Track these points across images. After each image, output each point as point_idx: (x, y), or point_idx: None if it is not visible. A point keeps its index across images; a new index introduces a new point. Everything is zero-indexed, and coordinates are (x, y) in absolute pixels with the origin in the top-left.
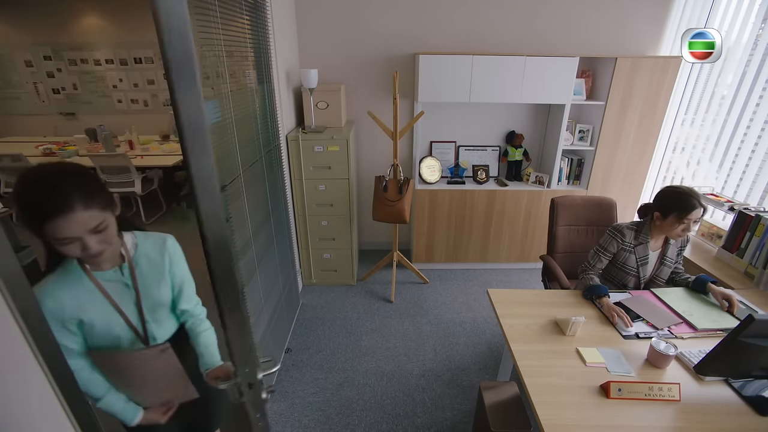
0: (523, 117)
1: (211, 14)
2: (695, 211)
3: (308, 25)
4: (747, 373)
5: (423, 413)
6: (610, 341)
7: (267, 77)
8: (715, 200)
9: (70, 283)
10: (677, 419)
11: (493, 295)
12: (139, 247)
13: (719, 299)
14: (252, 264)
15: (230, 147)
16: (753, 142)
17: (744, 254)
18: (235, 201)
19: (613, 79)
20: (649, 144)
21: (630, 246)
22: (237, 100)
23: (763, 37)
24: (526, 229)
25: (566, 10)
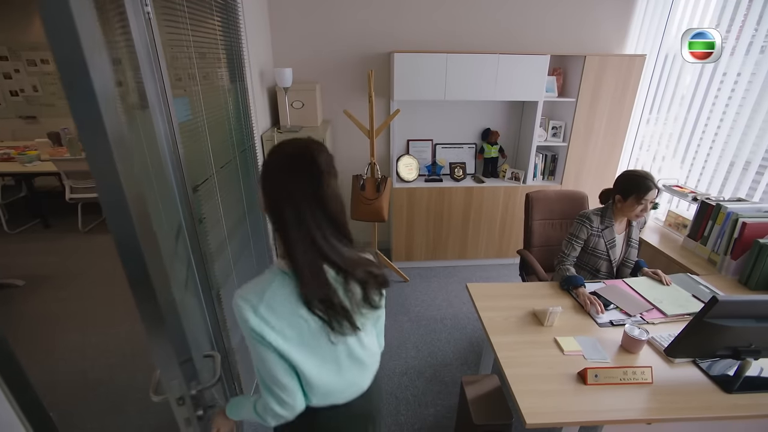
0: (498, 114)
1: (179, 14)
2: (651, 192)
3: (281, 25)
4: (712, 353)
5: (406, 411)
6: (586, 330)
7: (239, 76)
8: (680, 191)
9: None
10: (650, 401)
11: (472, 289)
12: None
13: (653, 276)
14: (228, 265)
15: (202, 146)
16: (711, 139)
17: (707, 242)
18: (208, 201)
19: (583, 76)
20: (618, 139)
21: (598, 231)
22: (208, 98)
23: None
24: (504, 224)
25: (537, 9)
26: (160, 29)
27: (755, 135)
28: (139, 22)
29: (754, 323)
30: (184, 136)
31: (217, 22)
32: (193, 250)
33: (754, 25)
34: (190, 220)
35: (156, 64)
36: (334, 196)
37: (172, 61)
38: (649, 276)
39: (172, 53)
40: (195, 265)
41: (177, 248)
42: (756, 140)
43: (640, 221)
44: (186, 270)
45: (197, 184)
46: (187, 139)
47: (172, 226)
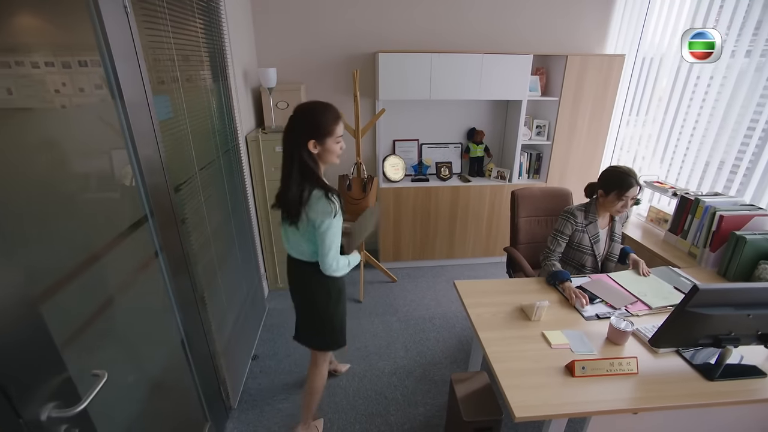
0: (483, 114)
1: (159, 16)
2: (632, 188)
3: (265, 25)
4: (695, 342)
5: (396, 411)
6: (573, 323)
7: (222, 76)
8: (661, 187)
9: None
10: (636, 390)
11: (460, 286)
12: None
13: (637, 264)
14: (212, 266)
15: (184, 145)
16: (687, 140)
17: (687, 235)
18: (191, 201)
19: (565, 76)
20: (601, 137)
21: (582, 226)
22: (190, 98)
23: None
24: (491, 223)
25: (520, 9)
26: (138, 25)
27: (728, 136)
28: (117, 13)
29: (733, 311)
30: (165, 132)
31: (199, 20)
32: (173, 252)
33: (725, 30)
34: (170, 218)
35: (133, 57)
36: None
37: (153, 62)
38: (635, 263)
39: (152, 48)
40: (171, 270)
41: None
42: (729, 140)
43: (622, 216)
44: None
45: (179, 183)
46: (168, 136)
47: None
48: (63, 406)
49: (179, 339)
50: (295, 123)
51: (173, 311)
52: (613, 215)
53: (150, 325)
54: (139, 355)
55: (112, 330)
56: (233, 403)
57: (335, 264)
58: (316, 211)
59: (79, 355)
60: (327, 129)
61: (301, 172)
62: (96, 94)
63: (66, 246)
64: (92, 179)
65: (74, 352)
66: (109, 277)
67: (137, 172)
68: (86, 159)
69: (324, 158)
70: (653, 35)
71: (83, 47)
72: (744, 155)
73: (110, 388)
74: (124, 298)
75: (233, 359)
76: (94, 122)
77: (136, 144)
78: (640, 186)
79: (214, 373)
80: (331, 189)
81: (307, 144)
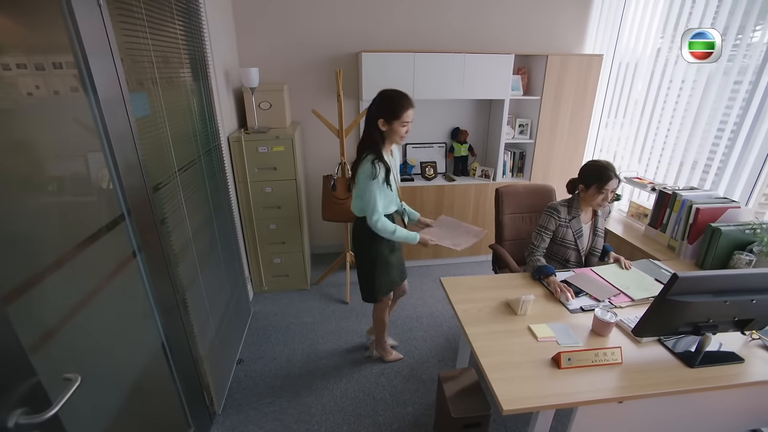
0: (467, 113)
1: (135, 12)
2: (611, 181)
3: (247, 25)
4: (675, 330)
5: (384, 411)
6: (558, 316)
7: (203, 74)
8: (640, 183)
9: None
10: (621, 379)
11: (446, 283)
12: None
13: (617, 260)
14: (193, 268)
15: (163, 143)
16: (663, 139)
17: (666, 229)
18: (170, 201)
19: (546, 75)
20: (582, 135)
21: (565, 221)
22: (169, 96)
23: (663, 49)
24: (476, 222)
25: (500, 9)
26: (112, 18)
27: (701, 135)
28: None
29: (711, 298)
30: (142, 130)
31: (177, 17)
32: (153, 253)
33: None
34: (149, 218)
35: (107, 50)
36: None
37: (129, 57)
38: (616, 259)
39: (127, 43)
40: (150, 271)
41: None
42: (701, 139)
43: (604, 211)
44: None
45: (159, 183)
46: (145, 134)
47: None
48: (32, 412)
49: (159, 342)
50: (373, 102)
51: (153, 313)
52: (595, 210)
53: (128, 327)
54: (116, 358)
55: (87, 333)
56: (217, 408)
57: (378, 223)
58: (362, 170)
59: (52, 358)
60: (395, 113)
61: (367, 141)
62: (65, 85)
63: (35, 245)
64: (64, 177)
65: (46, 356)
66: (82, 277)
67: (112, 168)
68: (56, 154)
69: (390, 137)
70: (628, 40)
71: (53, 38)
72: (716, 152)
73: (85, 393)
74: (99, 299)
75: (217, 363)
76: (63, 115)
77: (111, 139)
78: (619, 179)
79: (197, 377)
80: (381, 158)
81: (377, 121)
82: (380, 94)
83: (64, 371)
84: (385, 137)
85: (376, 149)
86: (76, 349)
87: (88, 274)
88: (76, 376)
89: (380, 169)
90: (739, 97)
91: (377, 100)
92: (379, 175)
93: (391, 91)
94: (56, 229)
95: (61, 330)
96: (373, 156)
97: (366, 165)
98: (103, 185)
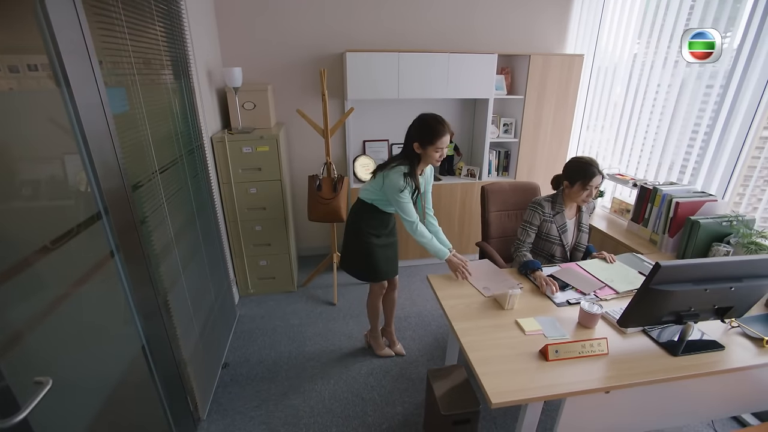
0: (452, 113)
1: (114, 16)
2: (596, 177)
3: (229, 24)
4: (659, 319)
5: (373, 411)
6: (545, 310)
7: (185, 73)
8: (622, 179)
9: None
10: (608, 369)
11: (433, 280)
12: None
13: (601, 257)
14: (176, 269)
15: (143, 141)
16: (641, 140)
17: (648, 224)
18: (150, 200)
19: (529, 74)
20: (565, 134)
21: (550, 216)
22: (148, 92)
23: (639, 54)
24: (462, 221)
25: (481, 8)
26: (86, 10)
27: (676, 138)
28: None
29: (692, 286)
30: (120, 127)
31: (156, 16)
32: (132, 253)
33: (667, 42)
34: (127, 217)
35: (82, 48)
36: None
37: (106, 54)
38: (600, 255)
39: (102, 35)
40: (129, 271)
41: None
42: (677, 142)
43: (589, 206)
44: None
45: (138, 181)
46: (123, 131)
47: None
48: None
49: (140, 345)
50: (412, 124)
51: (132, 314)
52: (579, 205)
53: (105, 328)
54: (93, 362)
55: (60, 335)
56: (202, 414)
57: (417, 227)
58: (390, 179)
59: (21, 362)
60: (430, 140)
61: (404, 155)
62: (39, 85)
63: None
64: (34, 169)
65: (15, 359)
66: (54, 277)
67: (87, 163)
68: (24, 144)
69: (425, 159)
70: (606, 44)
71: (22, 27)
72: (692, 150)
73: (59, 397)
74: (74, 300)
75: (201, 368)
76: (36, 111)
77: (86, 135)
78: (603, 175)
79: (181, 382)
80: (414, 175)
81: (413, 144)
82: (419, 118)
83: (35, 375)
84: (421, 159)
85: (411, 164)
86: (49, 352)
87: (60, 274)
88: (48, 379)
89: (408, 185)
90: (711, 100)
91: (415, 123)
92: (407, 189)
93: (428, 116)
94: (26, 225)
95: (31, 332)
96: (405, 168)
97: (397, 176)
98: (79, 182)
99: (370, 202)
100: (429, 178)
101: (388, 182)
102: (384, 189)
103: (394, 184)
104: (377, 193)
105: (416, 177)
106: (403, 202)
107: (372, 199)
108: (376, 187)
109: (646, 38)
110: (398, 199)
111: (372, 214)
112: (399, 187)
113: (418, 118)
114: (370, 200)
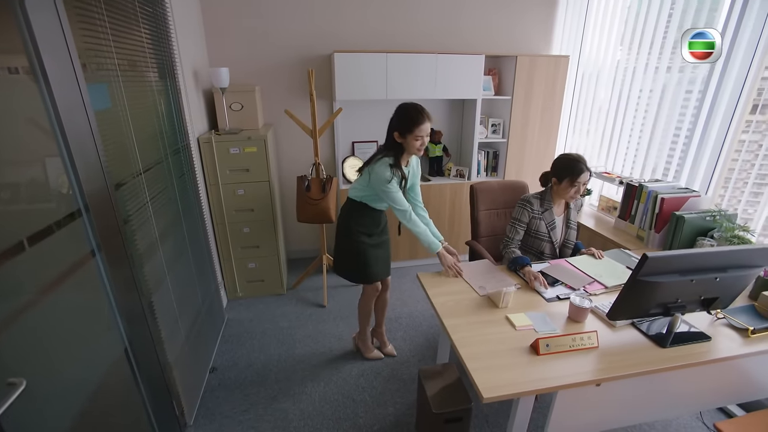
0: (440, 114)
1: (96, 16)
2: (583, 174)
3: (216, 25)
4: (647, 311)
5: (365, 413)
6: (535, 306)
7: (170, 73)
8: (609, 177)
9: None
10: (598, 362)
11: (423, 278)
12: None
13: (589, 253)
14: (161, 270)
15: (126, 138)
16: (626, 141)
17: (635, 220)
18: (134, 200)
19: (516, 75)
20: (552, 134)
21: (538, 213)
22: (131, 89)
23: (621, 60)
24: (452, 221)
25: (467, 9)
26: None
27: (659, 141)
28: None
29: (678, 277)
30: (102, 124)
31: (141, 16)
32: (114, 252)
33: (648, 48)
34: (109, 215)
35: (62, 44)
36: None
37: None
38: (588, 251)
39: (86, 42)
40: (111, 271)
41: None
42: (660, 145)
43: (576, 203)
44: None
45: (121, 181)
46: (105, 128)
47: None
48: None
49: (122, 347)
50: (392, 116)
51: (114, 315)
52: (568, 202)
53: (86, 329)
54: (72, 363)
55: (37, 336)
56: (188, 419)
57: (411, 216)
58: (376, 172)
59: None
60: (408, 127)
61: (387, 146)
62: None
63: None
64: (7, 161)
65: None
66: (30, 276)
67: (67, 160)
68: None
69: (406, 148)
70: (590, 49)
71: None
72: (675, 150)
73: (34, 400)
74: (51, 300)
75: (188, 372)
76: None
77: (65, 132)
78: (591, 172)
79: (166, 386)
80: (399, 166)
81: (393, 133)
82: (398, 107)
83: (8, 377)
84: (404, 148)
85: (395, 155)
86: (24, 353)
87: (35, 273)
88: (21, 380)
89: (395, 175)
90: (690, 105)
91: (395, 112)
92: (394, 180)
93: (407, 105)
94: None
95: (4, 332)
96: (390, 159)
97: (382, 168)
98: (59, 180)
99: (360, 200)
100: (416, 170)
101: (374, 175)
102: (371, 183)
103: (380, 175)
104: (366, 189)
105: (401, 167)
106: (392, 192)
107: (361, 196)
108: (364, 183)
109: (627, 44)
110: (387, 190)
111: (362, 212)
112: (386, 178)
113: (398, 108)
114: (359, 198)
